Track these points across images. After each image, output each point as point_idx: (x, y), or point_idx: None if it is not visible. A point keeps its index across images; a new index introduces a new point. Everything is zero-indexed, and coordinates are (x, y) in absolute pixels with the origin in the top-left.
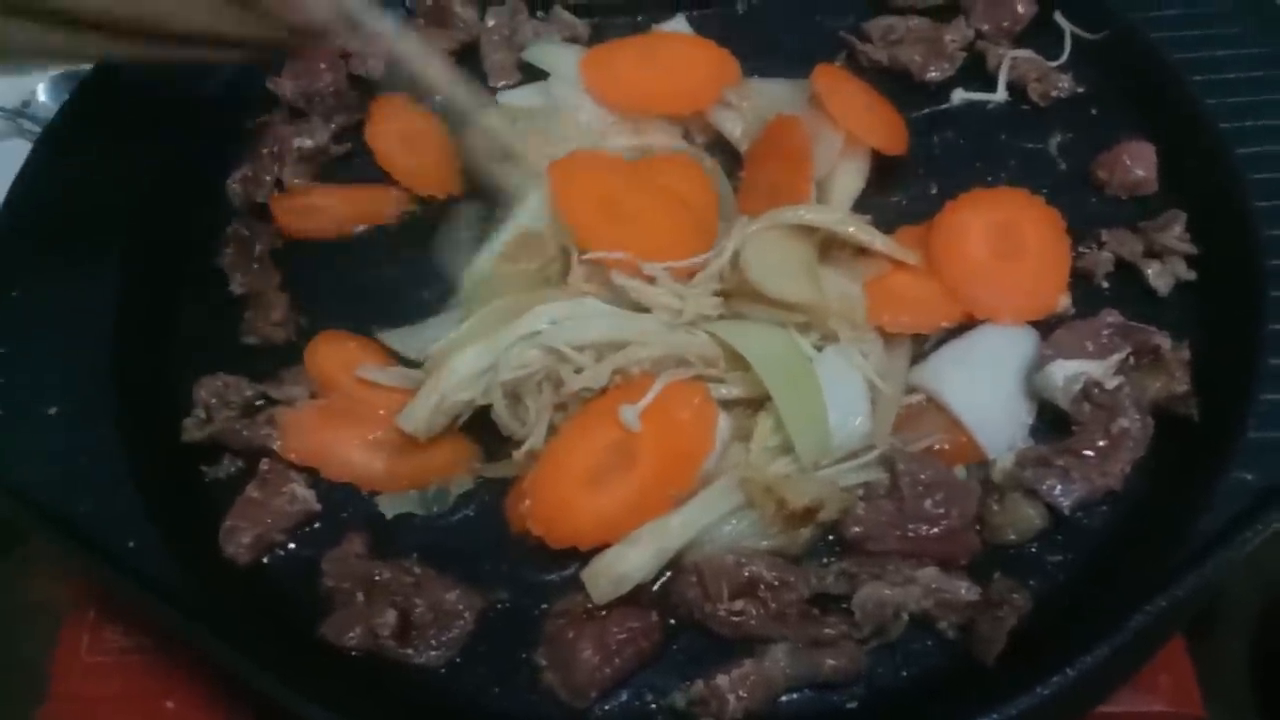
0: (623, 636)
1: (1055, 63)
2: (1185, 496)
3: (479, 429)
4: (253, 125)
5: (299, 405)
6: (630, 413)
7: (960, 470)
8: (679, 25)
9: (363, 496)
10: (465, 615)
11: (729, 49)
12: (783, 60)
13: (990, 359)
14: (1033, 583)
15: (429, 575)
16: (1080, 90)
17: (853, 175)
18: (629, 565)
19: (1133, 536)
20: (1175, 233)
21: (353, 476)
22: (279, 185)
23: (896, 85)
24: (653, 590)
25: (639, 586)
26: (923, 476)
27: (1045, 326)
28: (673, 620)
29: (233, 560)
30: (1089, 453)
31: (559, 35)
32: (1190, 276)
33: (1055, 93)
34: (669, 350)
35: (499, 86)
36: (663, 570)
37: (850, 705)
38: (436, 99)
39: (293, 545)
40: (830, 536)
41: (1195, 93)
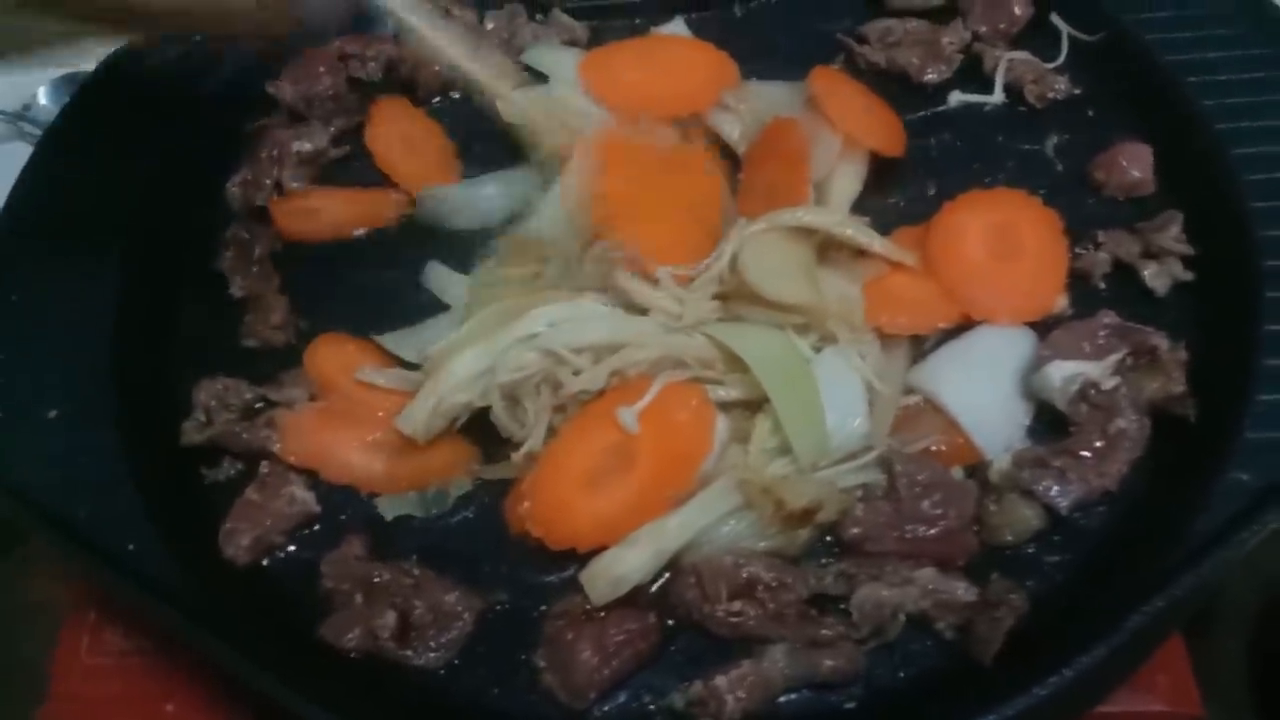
0: (621, 638)
1: (1052, 64)
2: (1182, 497)
3: (478, 431)
4: (252, 129)
5: (298, 407)
6: (628, 414)
7: (958, 471)
8: (677, 28)
9: (362, 498)
10: (464, 616)
11: (727, 51)
12: (780, 62)
13: (987, 360)
14: (1030, 583)
15: (428, 577)
16: (1077, 92)
17: (850, 177)
18: (627, 566)
19: (1130, 537)
20: (1172, 233)
21: (352, 478)
22: (278, 188)
23: (894, 87)
24: (651, 591)
25: (637, 588)
26: (920, 477)
27: (1042, 327)
28: (671, 621)
29: (232, 562)
30: (1086, 453)
31: (558, 38)
32: (1187, 277)
33: (1052, 94)
34: (667, 352)
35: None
36: (661, 571)
37: (848, 706)
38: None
39: (292, 547)
40: (828, 537)
41: (1192, 94)
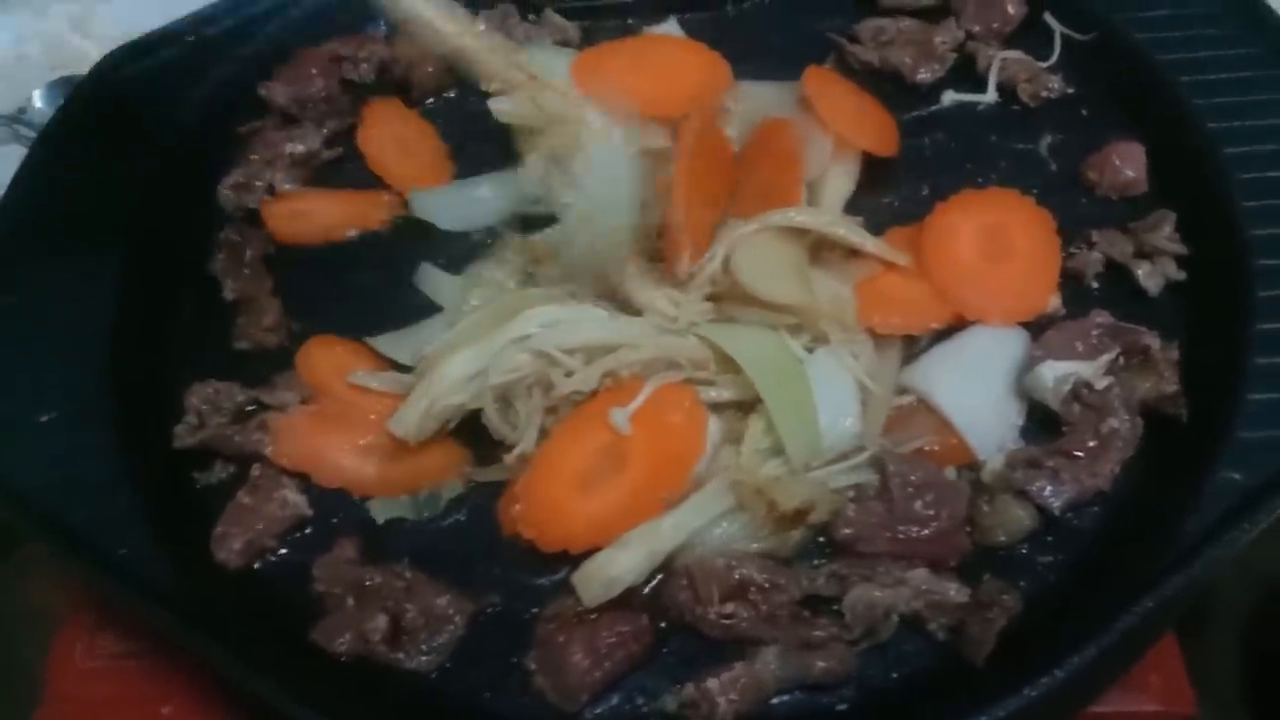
0: (613, 640)
1: (1045, 63)
2: (1174, 496)
3: (470, 433)
4: (244, 131)
5: (290, 410)
6: (621, 416)
7: (950, 471)
8: (670, 28)
9: (354, 501)
10: (456, 619)
11: (720, 51)
12: (773, 62)
13: (980, 360)
14: (1023, 584)
15: (420, 580)
16: (1070, 91)
17: (843, 177)
18: (620, 568)
19: (1122, 536)
20: (1165, 233)
21: (344, 482)
22: (271, 191)
23: (887, 87)
24: (643, 593)
25: (630, 590)
26: (913, 478)
27: (1035, 327)
28: (663, 623)
29: (224, 565)
30: (1079, 453)
31: (550, 39)
32: (1180, 277)
33: (1045, 93)
34: (659, 353)
35: (491, 90)
36: (653, 573)
37: (840, 707)
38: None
39: (284, 550)
40: (821, 538)
41: (1184, 93)
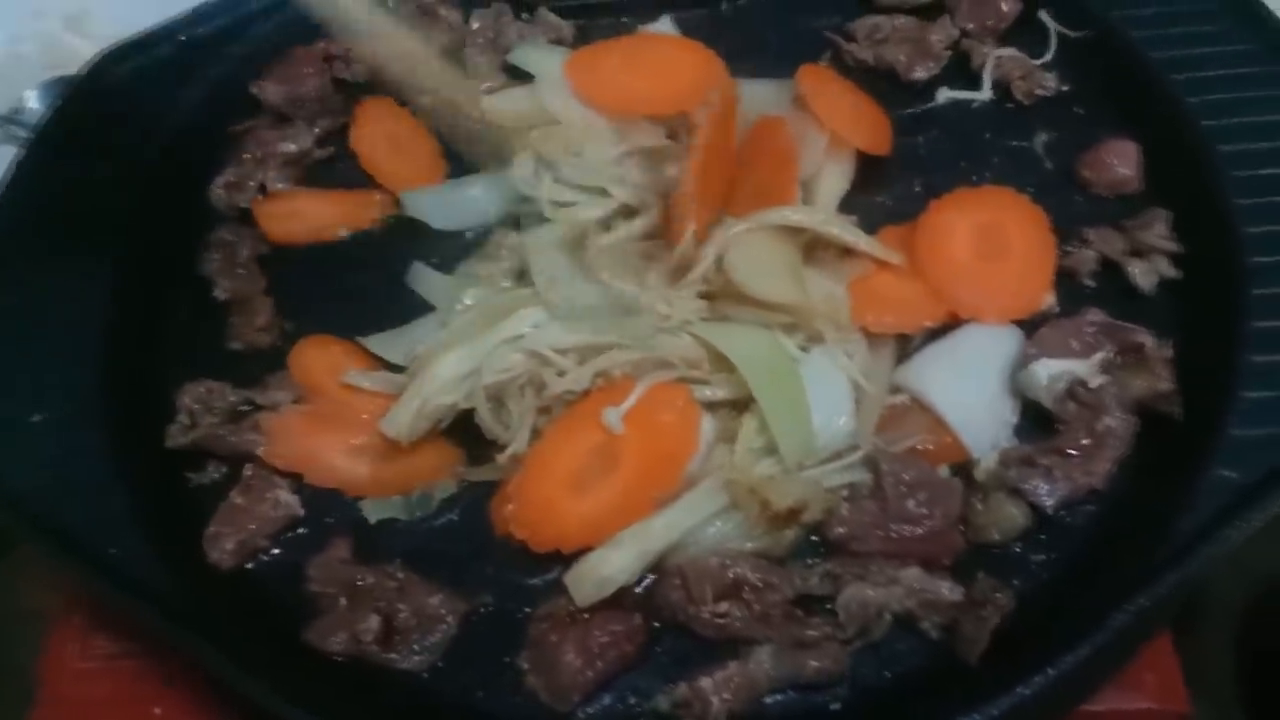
0: (606, 639)
1: (1040, 61)
2: (1168, 494)
3: (462, 433)
4: (237, 130)
5: (283, 410)
6: (613, 415)
7: (944, 470)
8: (665, 26)
9: (347, 501)
10: (448, 619)
11: (715, 49)
12: (768, 60)
13: (974, 358)
14: (1016, 582)
15: (412, 580)
16: (1065, 88)
17: (838, 175)
18: (612, 568)
19: (1116, 535)
20: (1159, 231)
21: (337, 482)
22: (263, 190)
23: (882, 84)
24: (636, 593)
25: (622, 589)
26: (906, 477)
27: (1029, 325)
28: (656, 623)
29: (216, 566)
30: (1073, 451)
31: (544, 37)
32: (1174, 274)
33: (1040, 91)
34: (652, 352)
35: (484, 89)
36: (646, 573)
37: (834, 706)
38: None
39: (277, 550)
40: (814, 537)
41: (1179, 91)
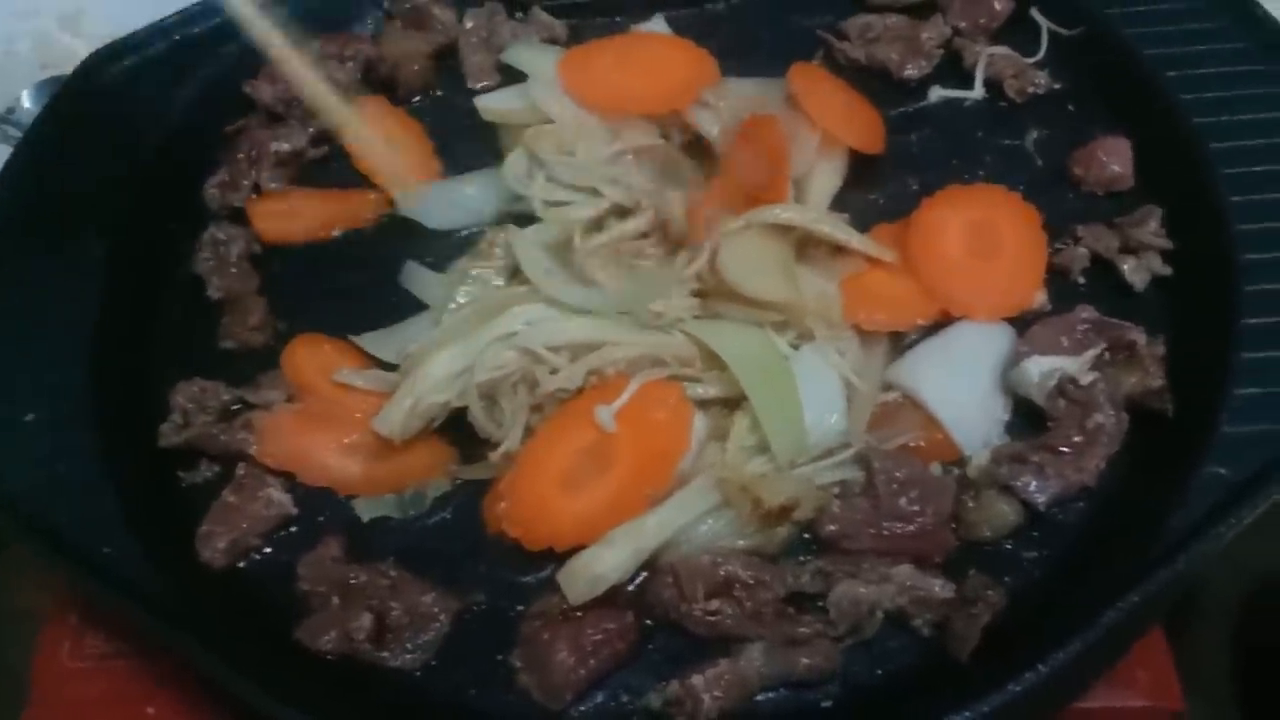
0: (598, 638)
1: (1032, 59)
2: (1160, 491)
3: (455, 431)
4: (230, 130)
5: (276, 409)
6: (606, 413)
7: (936, 467)
8: (658, 25)
9: (339, 500)
10: (441, 618)
11: (707, 48)
12: (761, 58)
13: (966, 356)
14: (1008, 579)
15: (405, 578)
16: (1057, 86)
17: (830, 174)
18: (605, 566)
19: (1108, 532)
20: (1151, 228)
21: (329, 480)
22: (256, 189)
23: (874, 83)
24: (629, 591)
25: (615, 587)
26: (898, 474)
27: (1021, 323)
28: (649, 620)
29: (209, 565)
30: (1064, 449)
31: (537, 36)
32: (1166, 271)
33: (1032, 89)
34: (644, 350)
35: (478, 88)
36: (639, 571)
37: (825, 704)
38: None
39: (269, 549)
40: (806, 535)
41: (1170, 88)
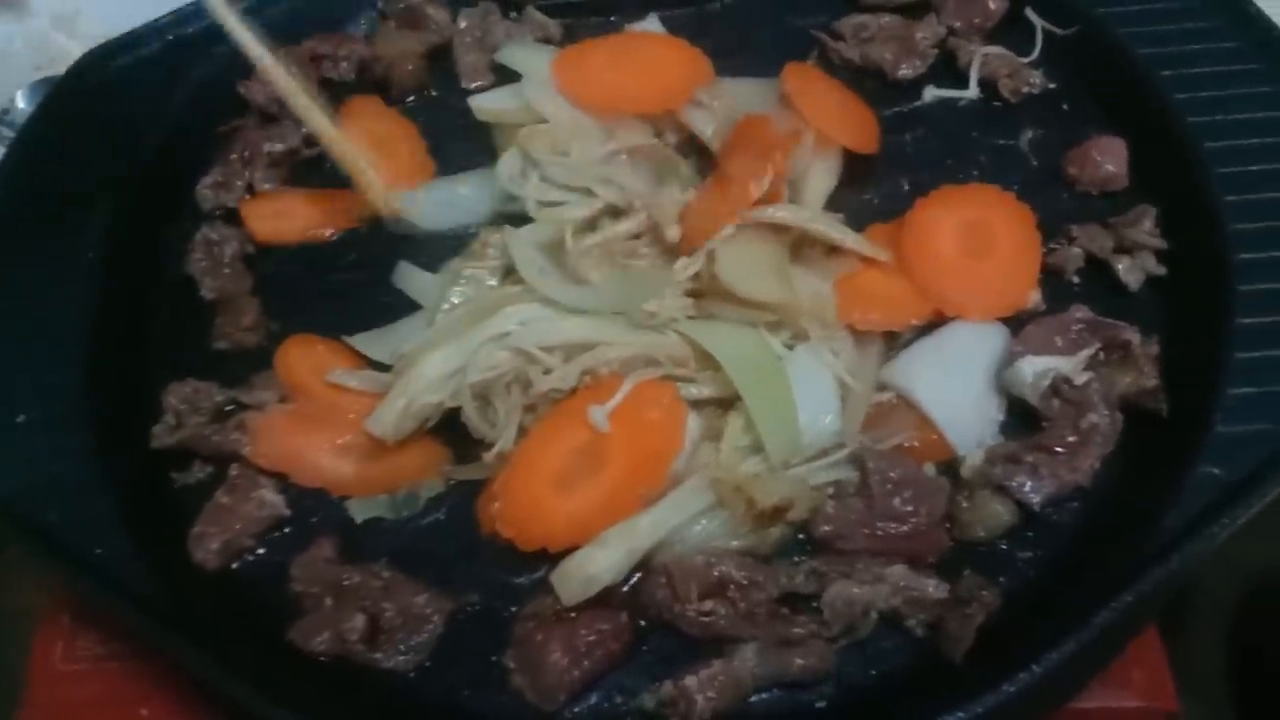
0: (592, 638)
1: (1026, 59)
2: (1154, 491)
3: (449, 432)
4: (223, 130)
5: (269, 410)
6: (599, 413)
7: (930, 467)
8: (652, 25)
9: (333, 501)
10: (434, 619)
11: (702, 47)
12: (755, 58)
13: (960, 356)
14: (1002, 580)
15: (398, 579)
16: (1051, 86)
17: (824, 174)
18: (598, 566)
19: (1102, 532)
20: (1145, 228)
21: (322, 481)
22: (250, 190)
23: (868, 83)
24: (622, 591)
25: (609, 588)
26: (892, 474)
27: (1015, 323)
28: (642, 621)
29: (202, 566)
30: (1058, 449)
31: (531, 36)
32: (1160, 271)
33: (1026, 89)
34: (638, 350)
35: (472, 88)
36: (632, 571)
37: (819, 704)
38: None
39: (262, 550)
40: (800, 535)
41: (1165, 88)
